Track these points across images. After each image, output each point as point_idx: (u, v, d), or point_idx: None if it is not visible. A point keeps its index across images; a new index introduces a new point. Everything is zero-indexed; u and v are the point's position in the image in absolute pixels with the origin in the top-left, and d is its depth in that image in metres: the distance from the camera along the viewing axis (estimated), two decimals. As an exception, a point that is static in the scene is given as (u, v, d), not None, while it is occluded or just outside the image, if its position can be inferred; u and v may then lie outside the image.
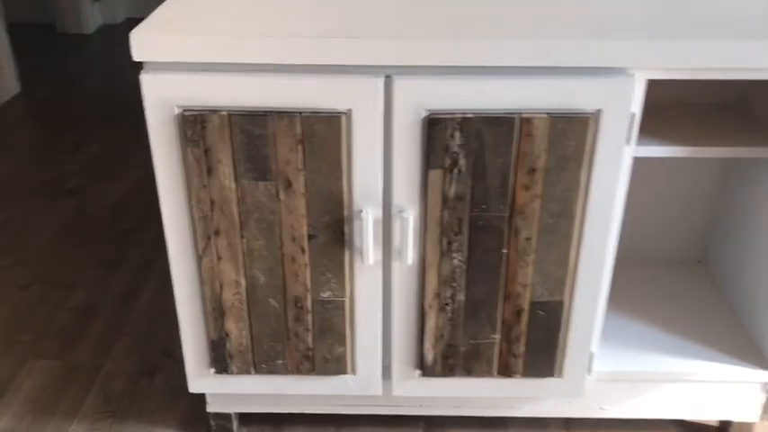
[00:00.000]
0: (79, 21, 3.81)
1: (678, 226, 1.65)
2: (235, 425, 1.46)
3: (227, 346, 1.29)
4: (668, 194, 1.61)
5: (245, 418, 1.50)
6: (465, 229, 1.17)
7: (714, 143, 1.30)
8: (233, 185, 1.14)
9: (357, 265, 1.21)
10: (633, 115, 1.11)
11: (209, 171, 1.12)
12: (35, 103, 3.06)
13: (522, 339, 1.27)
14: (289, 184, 1.14)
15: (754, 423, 1.42)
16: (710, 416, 1.42)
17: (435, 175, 1.13)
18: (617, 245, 1.23)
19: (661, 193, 1.61)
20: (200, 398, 1.46)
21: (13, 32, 3.05)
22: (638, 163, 1.57)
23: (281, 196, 1.15)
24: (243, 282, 1.22)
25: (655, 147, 1.27)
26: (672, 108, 1.44)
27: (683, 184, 1.61)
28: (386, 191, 1.16)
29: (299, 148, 1.11)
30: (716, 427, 1.48)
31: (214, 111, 1.09)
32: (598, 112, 1.09)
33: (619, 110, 1.09)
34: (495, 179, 1.13)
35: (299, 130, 1.09)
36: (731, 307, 1.52)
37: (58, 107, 3.01)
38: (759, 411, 1.40)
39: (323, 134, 1.10)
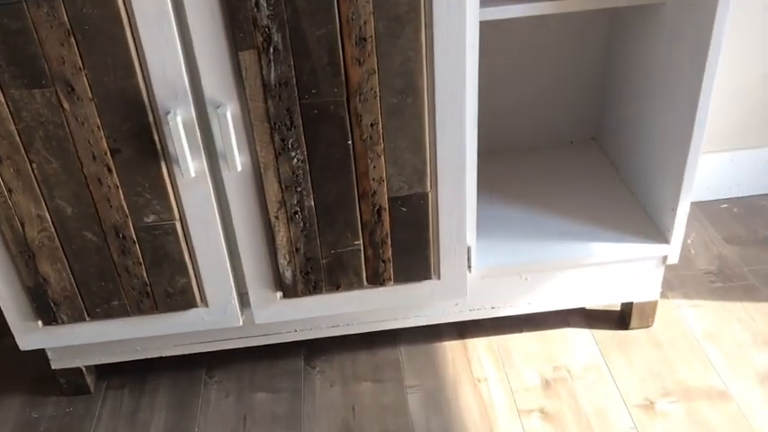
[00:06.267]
0: None
1: (567, 102, 1.50)
2: (90, 379, 1.29)
3: (49, 292, 1.10)
4: (552, 65, 1.46)
5: (102, 370, 1.32)
6: (297, 120, 0.99)
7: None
8: (1, 98, 0.93)
9: (179, 179, 1.02)
10: (472, -41, 0.93)
11: (-35, 82, 0.91)
12: None
13: (388, 242, 1.11)
14: (71, 89, 0.93)
15: (656, 301, 1.31)
16: (611, 300, 1.31)
17: (248, 57, 0.94)
18: (506, 131, 1.07)
19: (543, 66, 1.46)
20: (46, 355, 1.27)
21: None
22: (514, 37, 1.41)
23: (66, 105, 0.94)
24: (47, 215, 1.03)
25: (505, 6, 1.10)
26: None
27: (566, 54, 1.45)
28: (194, 84, 0.97)
29: (72, 40, 0.90)
30: (619, 312, 1.37)
31: (-49, 3, 0.87)
32: (428, -42, 0.91)
33: (453, -47, 0.91)
34: (321, 56, 0.95)
35: (65, 17, 0.88)
36: (626, 183, 1.39)
37: None
38: (659, 288, 1.29)
39: (96, 18, 0.89)
